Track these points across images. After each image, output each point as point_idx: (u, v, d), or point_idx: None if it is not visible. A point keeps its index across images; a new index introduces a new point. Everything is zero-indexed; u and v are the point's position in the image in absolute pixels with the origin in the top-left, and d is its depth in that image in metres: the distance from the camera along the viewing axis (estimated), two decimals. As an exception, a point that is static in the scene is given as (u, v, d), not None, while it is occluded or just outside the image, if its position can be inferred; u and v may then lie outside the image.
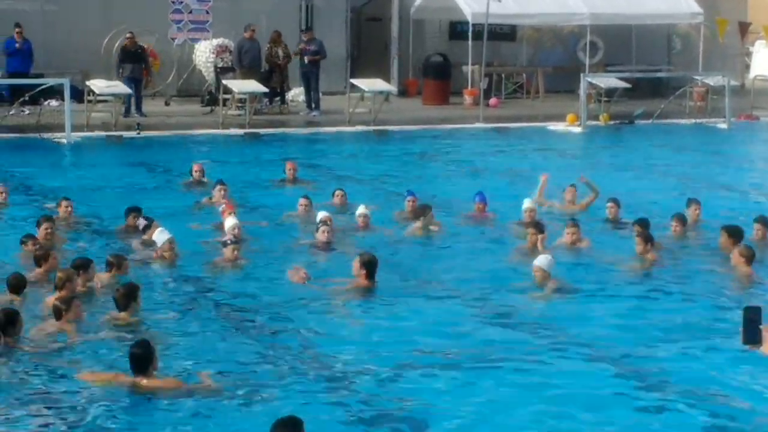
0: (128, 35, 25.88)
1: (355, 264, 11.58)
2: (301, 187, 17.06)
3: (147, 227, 13.23)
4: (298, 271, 11.72)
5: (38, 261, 11.60)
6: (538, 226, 13.47)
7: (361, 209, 14.54)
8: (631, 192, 17.29)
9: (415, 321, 10.75)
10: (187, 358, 9.47)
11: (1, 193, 15.48)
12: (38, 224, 13.14)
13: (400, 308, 11.15)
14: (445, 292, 11.93)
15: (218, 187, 16.09)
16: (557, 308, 11.30)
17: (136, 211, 13.93)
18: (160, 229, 12.77)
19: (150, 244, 12.87)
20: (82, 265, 11.12)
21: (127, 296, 10.21)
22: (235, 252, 12.50)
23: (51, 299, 10.31)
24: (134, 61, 25.71)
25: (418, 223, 14.38)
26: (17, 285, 10.80)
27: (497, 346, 10.07)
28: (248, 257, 12.89)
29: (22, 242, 12.53)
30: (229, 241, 12.61)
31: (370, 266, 11.52)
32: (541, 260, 11.86)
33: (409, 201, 15.36)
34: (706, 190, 17.72)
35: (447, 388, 8.96)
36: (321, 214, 13.95)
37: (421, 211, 14.57)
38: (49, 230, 13.05)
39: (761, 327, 5.28)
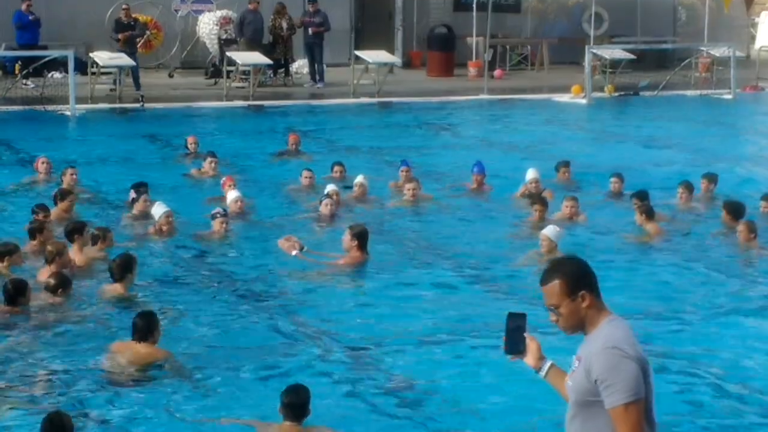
0: (124, 7, 25.44)
1: (346, 237, 11.47)
2: (302, 160, 17.04)
3: (135, 200, 13.18)
4: (289, 241, 11.53)
5: (32, 234, 11.48)
6: (543, 201, 13.46)
7: (359, 178, 14.56)
8: (636, 164, 17.25)
9: (411, 294, 10.70)
10: (181, 332, 9.40)
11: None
12: (60, 197, 13.00)
13: (395, 281, 11.12)
14: (441, 264, 11.88)
15: (209, 159, 16.02)
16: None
17: (140, 186, 13.87)
18: (158, 202, 12.72)
19: (141, 217, 12.86)
20: (77, 230, 11.05)
21: (123, 267, 10.02)
22: (223, 224, 12.44)
23: (44, 272, 10.27)
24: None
25: (407, 194, 14.38)
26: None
27: (495, 319, 10.00)
28: (250, 229, 12.87)
29: (34, 212, 12.45)
30: (218, 215, 12.53)
31: (361, 237, 11.42)
32: (550, 230, 11.81)
33: (402, 171, 15.34)
34: (712, 161, 17.64)
35: (444, 362, 8.92)
36: (329, 188, 13.95)
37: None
38: (72, 202, 13.05)
39: (526, 335, 4.95)
